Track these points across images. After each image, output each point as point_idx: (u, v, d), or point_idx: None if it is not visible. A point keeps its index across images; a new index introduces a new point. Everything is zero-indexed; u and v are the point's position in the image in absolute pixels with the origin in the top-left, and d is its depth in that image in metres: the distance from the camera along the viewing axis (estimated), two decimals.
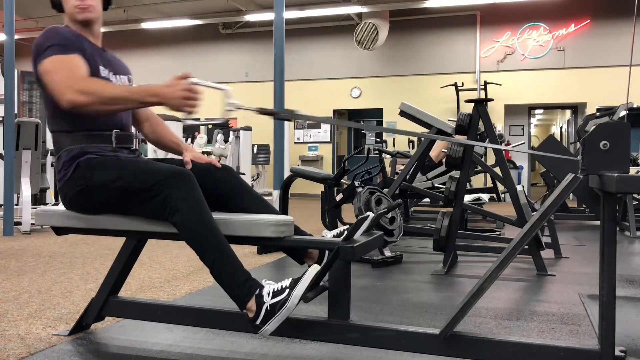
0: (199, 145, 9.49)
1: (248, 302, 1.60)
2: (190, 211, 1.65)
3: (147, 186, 1.70)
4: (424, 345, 1.57)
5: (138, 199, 1.73)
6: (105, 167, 1.79)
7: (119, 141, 1.91)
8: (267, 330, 1.58)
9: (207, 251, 1.65)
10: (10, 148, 4.93)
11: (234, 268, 1.65)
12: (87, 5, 1.92)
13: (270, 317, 1.57)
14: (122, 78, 2.01)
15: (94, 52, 1.93)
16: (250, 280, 1.63)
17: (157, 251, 4.03)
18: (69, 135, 1.85)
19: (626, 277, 3.25)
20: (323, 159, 12.37)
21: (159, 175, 1.69)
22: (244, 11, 11.49)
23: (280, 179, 4.45)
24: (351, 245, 1.59)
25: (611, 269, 1.42)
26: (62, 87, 1.70)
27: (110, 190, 1.76)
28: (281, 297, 1.57)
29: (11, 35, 4.89)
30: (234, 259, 1.65)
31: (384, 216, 3.16)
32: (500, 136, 8.06)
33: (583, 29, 10.76)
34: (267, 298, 1.58)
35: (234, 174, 1.97)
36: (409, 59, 11.82)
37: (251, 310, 1.60)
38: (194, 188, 1.69)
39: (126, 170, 1.76)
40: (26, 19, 12.57)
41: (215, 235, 1.66)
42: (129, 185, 1.73)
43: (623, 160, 1.41)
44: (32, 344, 1.91)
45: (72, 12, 1.93)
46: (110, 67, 1.97)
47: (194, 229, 1.66)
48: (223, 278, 1.65)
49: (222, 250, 1.65)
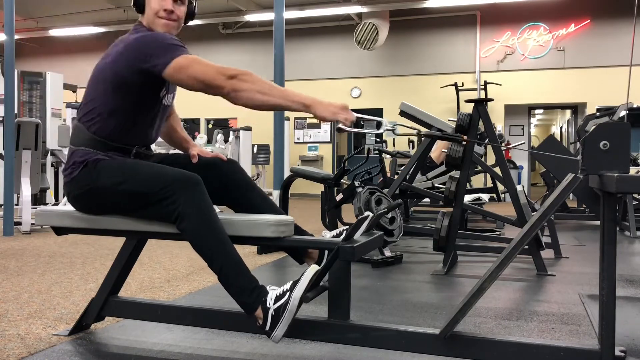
0: (199, 145, 9.49)
1: (256, 310, 1.61)
2: (198, 218, 1.65)
3: (154, 190, 1.68)
4: (424, 345, 1.57)
5: (144, 203, 1.72)
6: (112, 169, 1.77)
7: (136, 157, 1.89)
8: (278, 335, 1.58)
9: (215, 258, 1.65)
10: (10, 148, 4.93)
11: (242, 275, 1.65)
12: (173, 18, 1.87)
13: (276, 322, 1.57)
14: (170, 97, 1.97)
15: None
16: (258, 288, 1.64)
17: (157, 251, 4.03)
18: (92, 138, 1.81)
19: (626, 277, 3.25)
20: (323, 159, 12.37)
21: (167, 179, 1.68)
22: (244, 11, 11.49)
23: (280, 179, 4.45)
24: (351, 245, 1.59)
25: (611, 269, 1.42)
26: (216, 75, 1.63)
27: (116, 193, 1.75)
28: (282, 300, 1.58)
29: (11, 35, 4.89)
30: (241, 265, 1.65)
31: (384, 216, 3.16)
32: (500, 136, 8.05)
33: (583, 29, 10.76)
34: (271, 303, 1.59)
35: (238, 168, 1.98)
36: (409, 59, 11.82)
37: (259, 317, 1.61)
38: (202, 193, 1.68)
39: (132, 173, 1.74)
40: (26, 19, 12.57)
41: (223, 242, 1.66)
42: (135, 189, 1.72)
43: (623, 160, 1.41)
44: (32, 344, 1.91)
45: (153, 20, 1.87)
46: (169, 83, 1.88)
47: (202, 236, 1.65)
48: (230, 285, 1.65)
49: (230, 258, 1.65)
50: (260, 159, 11.69)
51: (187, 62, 1.67)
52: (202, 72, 1.65)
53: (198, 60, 1.67)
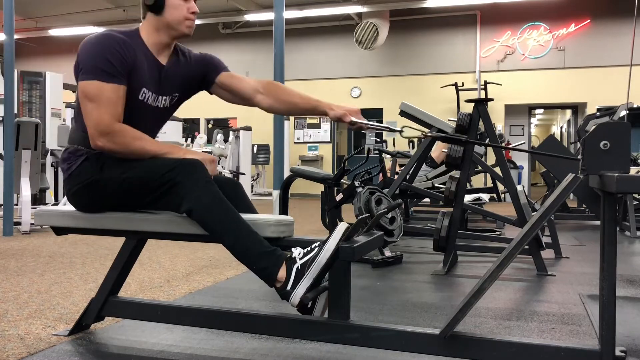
0: (198, 145, 9.49)
1: (278, 272, 1.60)
2: (206, 197, 1.65)
3: (158, 175, 1.69)
4: (424, 345, 1.57)
5: (149, 189, 1.73)
6: (116, 160, 1.78)
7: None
8: (298, 294, 1.57)
9: (228, 231, 1.64)
10: (10, 148, 4.93)
11: (258, 242, 1.64)
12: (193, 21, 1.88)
13: (300, 277, 1.57)
14: (164, 99, 1.93)
15: (148, 67, 1.84)
16: (278, 250, 1.64)
17: (157, 251, 4.03)
18: (85, 137, 1.81)
19: (626, 277, 3.25)
20: (323, 159, 12.37)
21: (170, 164, 1.70)
22: (244, 11, 11.49)
23: (280, 179, 4.45)
24: (351, 245, 1.59)
25: (611, 269, 1.42)
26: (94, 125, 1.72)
27: (121, 182, 1.75)
28: (312, 254, 1.59)
29: (11, 35, 4.89)
30: (255, 234, 1.65)
31: (384, 216, 3.16)
32: (501, 136, 8.06)
33: (583, 29, 10.76)
34: (297, 257, 1.59)
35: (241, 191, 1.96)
36: (409, 59, 11.83)
37: (281, 279, 1.59)
38: (205, 173, 1.69)
39: (136, 163, 1.75)
40: (26, 19, 12.58)
41: (234, 214, 1.66)
42: (140, 176, 1.73)
43: (623, 160, 1.41)
44: (32, 344, 1.91)
45: (178, 23, 1.84)
46: (158, 87, 1.88)
47: (212, 212, 1.65)
48: (248, 254, 1.64)
49: (243, 228, 1.65)
50: (260, 159, 11.70)
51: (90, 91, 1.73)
52: (87, 113, 1.74)
53: (95, 98, 1.72)
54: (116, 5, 11.27)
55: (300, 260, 1.59)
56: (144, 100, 1.85)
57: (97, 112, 1.71)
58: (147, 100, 1.86)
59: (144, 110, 1.87)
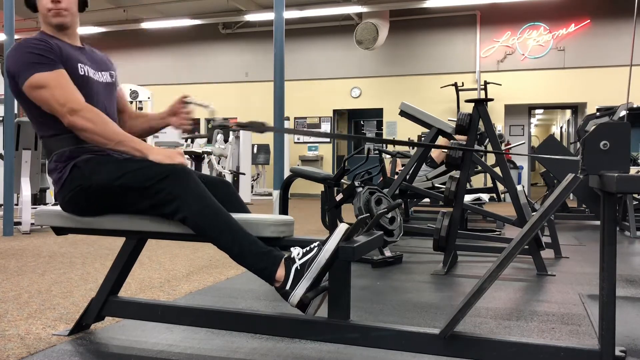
0: (198, 145, 9.49)
1: (277, 271, 1.60)
2: (199, 203, 1.66)
3: (150, 183, 1.70)
4: (424, 345, 1.57)
5: (140, 196, 1.73)
6: (105, 166, 1.79)
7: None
8: (297, 294, 1.57)
9: (224, 235, 1.65)
10: (10, 148, 4.93)
11: (255, 243, 1.65)
12: (60, 8, 1.90)
13: (300, 277, 1.57)
14: (103, 75, 2.01)
15: (70, 51, 1.91)
16: (275, 250, 1.65)
17: (157, 251, 4.03)
18: (57, 138, 1.85)
19: (626, 277, 3.25)
20: (323, 159, 12.37)
21: (161, 171, 1.70)
22: (244, 11, 11.49)
23: (280, 179, 4.45)
24: (351, 245, 1.59)
25: (611, 269, 1.42)
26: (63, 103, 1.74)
27: (113, 188, 1.76)
28: (311, 254, 1.59)
29: (11, 35, 4.89)
30: (251, 236, 1.66)
31: (383, 216, 3.16)
32: (500, 136, 8.04)
33: (583, 29, 10.76)
34: (296, 257, 1.60)
35: (232, 191, 1.97)
36: (409, 59, 11.82)
37: (279, 279, 1.60)
38: (195, 180, 1.70)
39: (126, 169, 1.76)
40: (26, 19, 12.57)
41: (228, 218, 1.67)
42: (131, 183, 1.73)
43: (623, 160, 1.41)
44: (32, 344, 1.91)
45: (45, 15, 1.91)
46: (90, 64, 1.96)
47: (206, 218, 1.66)
48: (246, 255, 1.64)
49: (238, 230, 1.66)
50: (260, 159, 11.70)
51: (39, 82, 1.76)
52: (47, 98, 1.76)
53: (51, 84, 1.75)
54: (116, 5, 11.26)
55: (300, 260, 1.59)
56: (86, 75, 1.91)
57: (60, 92, 1.76)
58: (88, 73, 1.92)
59: (90, 85, 1.91)
